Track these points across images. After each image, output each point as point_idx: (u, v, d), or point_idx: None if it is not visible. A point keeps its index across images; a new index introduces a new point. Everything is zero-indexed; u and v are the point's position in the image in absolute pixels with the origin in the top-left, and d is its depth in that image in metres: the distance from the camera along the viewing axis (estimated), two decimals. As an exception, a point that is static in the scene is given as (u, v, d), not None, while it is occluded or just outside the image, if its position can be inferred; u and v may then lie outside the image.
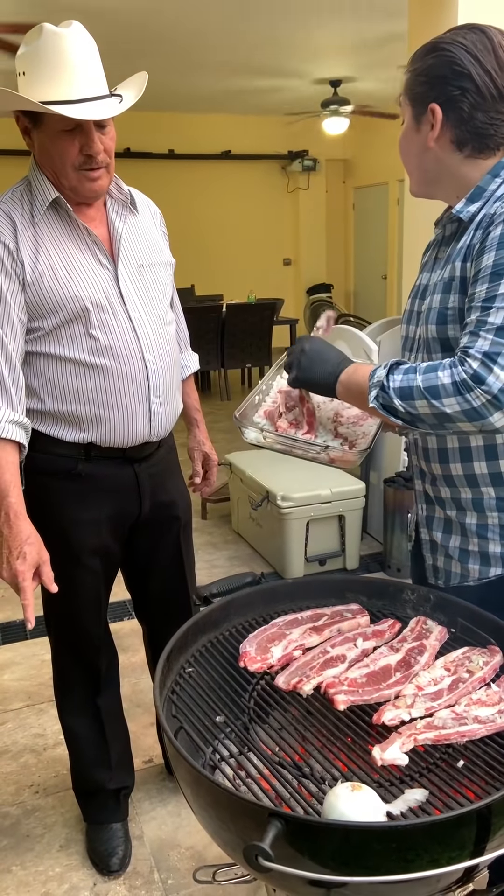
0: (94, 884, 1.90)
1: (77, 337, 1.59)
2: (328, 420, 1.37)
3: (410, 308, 1.39)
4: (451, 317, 1.21)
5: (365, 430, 1.36)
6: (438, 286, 1.25)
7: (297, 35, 5.87)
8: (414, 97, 1.23)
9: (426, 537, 1.40)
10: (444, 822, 0.85)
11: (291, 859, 0.85)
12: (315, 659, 1.19)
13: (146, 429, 1.69)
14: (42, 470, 1.67)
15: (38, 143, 1.56)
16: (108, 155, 1.57)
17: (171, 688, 1.14)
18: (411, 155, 1.29)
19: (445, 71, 1.17)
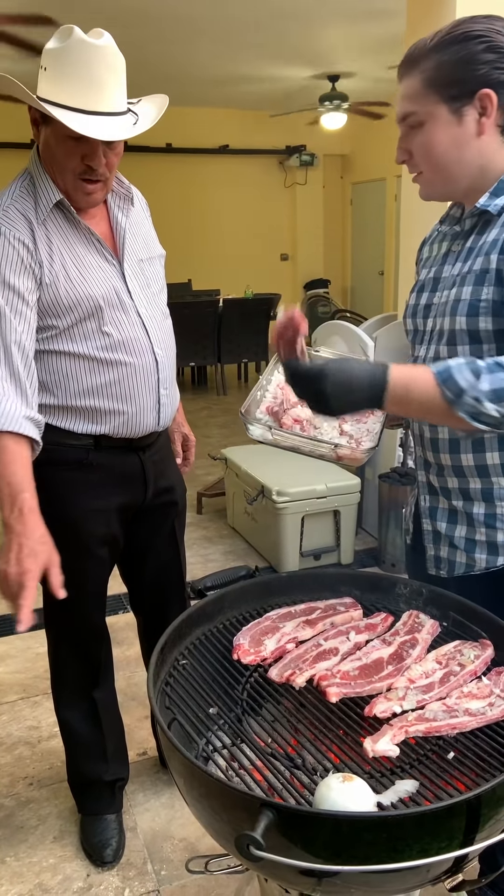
0: (87, 875, 1.91)
1: (90, 334, 1.60)
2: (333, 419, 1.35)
3: (417, 302, 1.38)
4: (484, 309, 1.20)
5: (369, 427, 1.35)
6: (467, 278, 1.23)
7: (296, 29, 5.86)
8: (451, 87, 1.16)
9: (429, 528, 1.40)
10: (434, 813, 0.86)
11: (283, 849, 0.86)
12: (308, 652, 1.20)
13: (155, 420, 1.72)
14: (52, 461, 1.68)
15: (44, 138, 1.55)
16: (110, 170, 1.57)
17: (165, 680, 1.15)
18: (450, 152, 1.21)
19: (490, 55, 1.14)
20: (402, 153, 1.26)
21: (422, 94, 1.19)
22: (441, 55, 1.16)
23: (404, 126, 1.24)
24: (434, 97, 1.18)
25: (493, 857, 1.44)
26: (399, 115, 1.24)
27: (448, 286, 1.29)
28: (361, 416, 1.37)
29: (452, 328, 1.25)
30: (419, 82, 1.19)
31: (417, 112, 1.20)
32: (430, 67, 1.17)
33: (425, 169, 1.25)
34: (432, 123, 1.19)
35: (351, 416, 1.34)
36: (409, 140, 1.24)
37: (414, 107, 1.20)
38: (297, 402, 1.30)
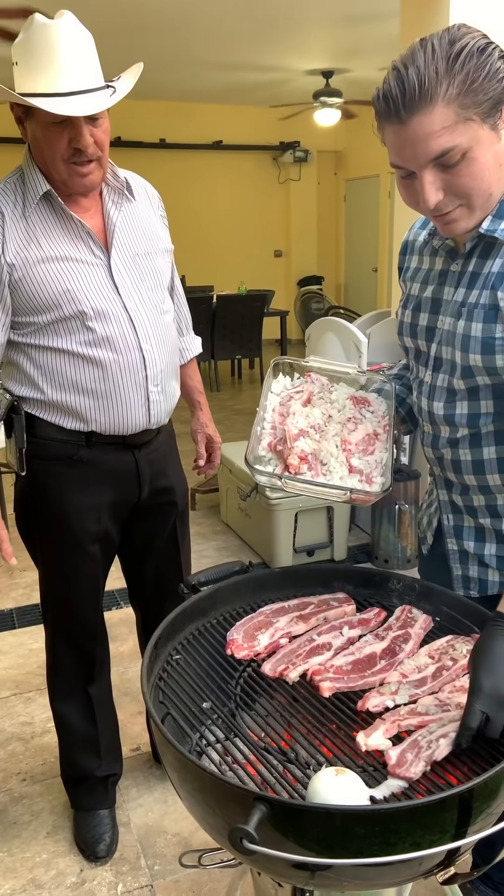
0: (80, 870, 1.91)
1: (74, 329, 1.60)
2: (338, 451, 1.27)
3: (415, 322, 1.32)
4: (500, 347, 1.15)
5: (377, 458, 1.28)
6: (475, 313, 1.18)
7: (290, 24, 5.85)
8: (483, 104, 1.05)
9: (454, 547, 1.36)
10: (426, 806, 0.86)
11: (276, 843, 0.86)
12: (301, 647, 1.20)
13: (145, 417, 1.70)
14: (43, 456, 1.69)
15: (31, 133, 1.55)
16: (101, 147, 1.55)
17: (159, 675, 1.15)
18: (494, 171, 1.10)
19: (501, 63, 1.05)
20: (436, 195, 1.10)
21: (460, 122, 1.05)
22: (462, 75, 1.03)
23: (435, 167, 1.08)
24: (475, 120, 1.06)
25: (489, 848, 1.45)
26: (430, 156, 1.07)
27: (453, 314, 1.23)
28: (368, 447, 1.30)
29: (466, 364, 1.20)
30: (453, 112, 1.04)
31: (460, 143, 1.05)
32: (458, 92, 1.03)
33: (467, 200, 1.12)
34: (478, 148, 1.07)
35: (357, 448, 1.29)
36: (447, 178, 1.09)
37: (454, 139, 1.05)
38: (298, 434, 1.26)
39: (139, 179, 1.79)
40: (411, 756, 0.96)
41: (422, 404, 1.33)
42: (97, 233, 1.63)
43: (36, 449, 1.68)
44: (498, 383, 1.20)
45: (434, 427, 1.31)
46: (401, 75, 1.04)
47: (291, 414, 1.30)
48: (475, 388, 1.22)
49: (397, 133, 1.07)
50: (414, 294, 1.34)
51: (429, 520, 1.47)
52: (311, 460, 1.23)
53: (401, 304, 1.39)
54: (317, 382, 1.41)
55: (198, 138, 9.20)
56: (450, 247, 1.26)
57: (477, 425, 1.24)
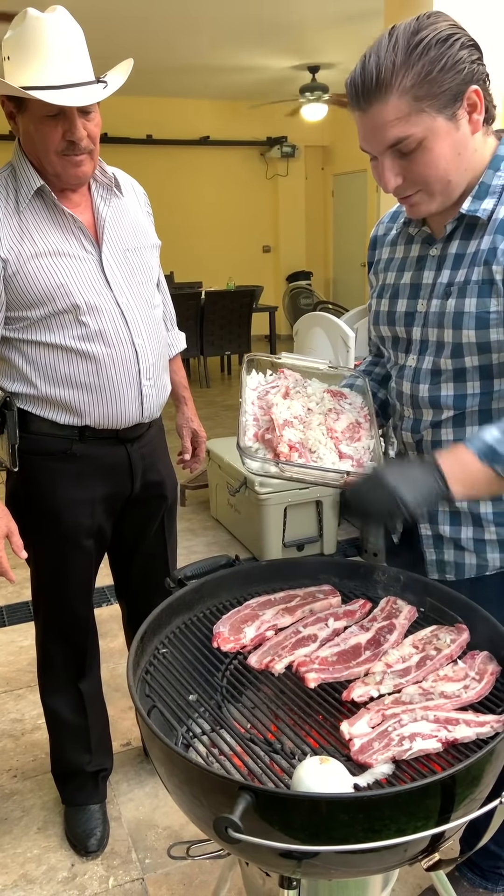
0: (72, 864, 1.92)
1: (67, 324, 1.60)
2: (326, 438, 1.28)
3: (392, 308, 1.33)
4: (495, 321, 1.18)
5: (365, 445, 1.29)
6: (468, 289, 1.20)
7: (276, 18, 5.84)
8: (441, 96, 1.09)
9: (428, 532, 1.37)
10: (410, 792, 0.87)
11: (262, 832, 0.87)
12: (287, 639, 1.21)
13: (138, 411, 1.71)
14: (37, 451, 1.70)
15: (23, 128, 1.55)
16: (93, 141, 1.56)
17: (145, 668, 1.16)
18: (453, 161, 1.14)
19: (465, 52, 1.09)
20: (394, 180, 1.15)
21: (413, 113, 1.08)
22: (418, 67, 1.07)
23: (393, 153, 1.13)
24: (429, 111, 1.09)
25: (475, 836, 1.46)
26: (385, 143, 1.12)
27: (439, 295, 1.25)
28: (353, 434, 1.32)
29: (458, 341, 1.22)
30: (406, 103, 1.08)
31: (414, 133, 1.10)
32: (412, 84, 1.07)
33: (425, 186, 1.16)
34: (433, 138, 1.11)
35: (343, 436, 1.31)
36: (404, 165, 1.14)
37: (408, 129, 1.09)
38: (284, 423, 1.27)
39: (126, 176, 1.80)
40: (378, 745, 0.97)
41: (403, 389, 1.34)
42: (87, 227, 1.64)
43: (29, 444, 1.68)
44: (486, 364, 1.22)
45: (416, 411, 1.33)
46: (364, 64, 1.10)
47: (274, 405, 1.31)
48: (462, 369, 1.24)
49: (361, 119, 1.14)
50: (390, 283, 1.36)
51: None
52: (300, 448, 1.24)
53: (374, 296, 1.41)
54: (290, 378, 1.42)
55: (185, 134, 9.17)
56: (427, 233, 1.29)
57: (463, 406, 1.26)
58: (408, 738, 0.97)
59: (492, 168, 1.19)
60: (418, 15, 1.11)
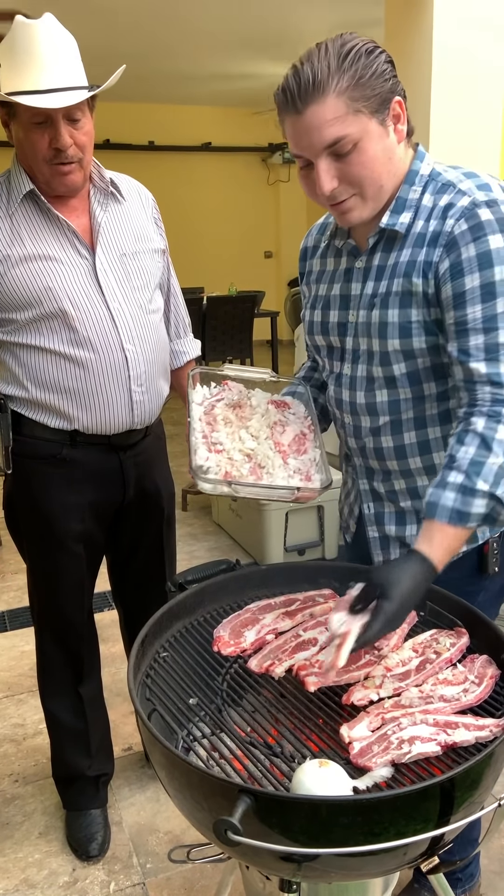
0: (73, 869, 1.92)
1: (56, 328, 1.60)
2: (274, 453, 1.31)
3: (324, 319, 1.38)
4: (416, 330, 1.22)
5: (311, 457, 1.34)
6: (390, 300, 1.24)
7: (277, 25, 5.87)
8: (372, 100, 1.13)
9: (375, 534, 1.42)
10: (409, 795, 0.87)
11: (261, 835, 0.87)
12: (287, 642, 1.22)
13: (128, 417, 1.70)
14: (29, 454, 1.71)
15: (15, 135, 1.56)
16: (82, 150, 1.56)
17: (146, 672, 1.16)
18: (385, 164, 1.18)
19: (388, 66, 1.16)
20: (331, 182, 1.16)
21: (350, 113, 1.12)
22: (352, 71, 1.11)
23: (328, 155, 1.15)
24: (363, 112, 1.13)
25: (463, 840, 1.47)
26: (323, 143, 1.13)
27: (365, 306, 1.29)
28: (300, 446, 1.35)
29: (385, 350, 1.27)
30: (343, 103, 1.12)
31: (350, 133, 1.13)
32: (347, 86, 1.11)
33: (360, 189, 1.18)
34: (368, 140, 1.14)
35: (290, 449, 1.35)
36: (340, 167, 1.16)
37: (345, 129, 1.12)
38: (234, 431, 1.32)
39: (132, 182, 1.81)
40: (378, 749, 0.97)
41: (342, 396, 1.38)
42: (83, 232, 1.64)
43: (21, 447, 1.69)
44: (413, 370, 1.26)
45: (355, 417, 1.37)
46: (297, 71, 1.14)
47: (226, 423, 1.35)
48: (392, 377, 1.28)
49: (294, 123, 1.16)
50: (321, 294, 1.40)
51: (349, 509, 1.54)
52: (252, 466, 1.28)
53: (307, 306, 1.46)
54: (234, 389, 1.45)
55: (187, 140, 9.20)
56: (352, 245, 1.33)
57: (398, 411, 1.31)
58: (407, 742, 0.98)
59: (407, 183, 1.23)
60: (339, 34, 1.17)
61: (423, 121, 3.59)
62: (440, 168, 1.25)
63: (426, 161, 1.25)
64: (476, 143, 3.74)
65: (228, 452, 1.30)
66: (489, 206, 1.15)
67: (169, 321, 1.94)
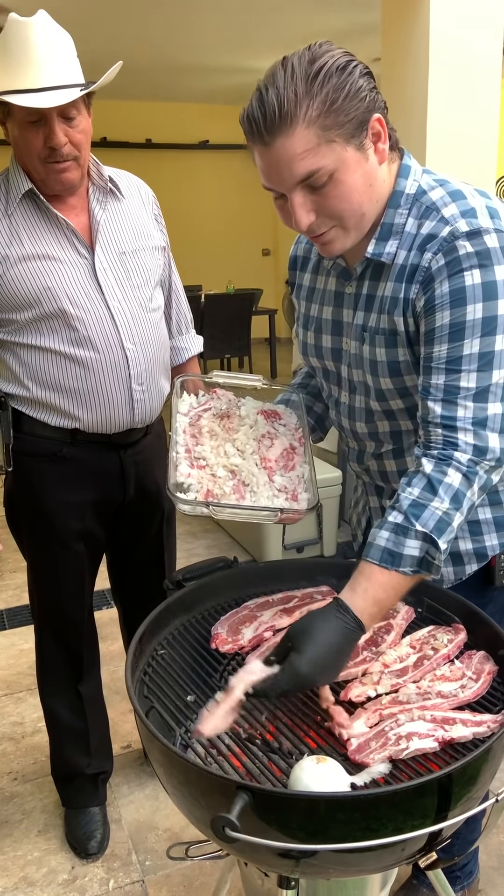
0: (72, 867, 1.92)
1: (56, 328, 1.60)
2: (259, 470, 1.27)
3: (318, 343, 1.32)
4: (405, 368, 1.18)
5: (298, 473, 1.29)
6: (377, 339, 1.19)
7: (275, 21, 5.86)
8: (347, 125, 1.03)
9: None
10: (407, 791, 0.87)
11: (259, 831, 0.87)
12: (285, 640, 1.21)
13: (129, 416, 1.70)
14: (29, 452, 1.71)
15: (11, 134, 1.56)
16: (77, 147, 1.55)
17: (144, 669, 1.16)
18: (365, 192, 1.09)
19: (363, 80, 1.04)
20: (307, 217, 1.08)
21: (322, 143, 1.01)
22: (322, 96, 1.00)
23: (303, 188, 1.05)
24: (337, 141, 1.02)
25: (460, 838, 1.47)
26: (295, 178, 1.04)
27: (356, 337, 1.24)
28: (287, 462, 1.31)
29: (379, 387, 1.23)
30: (314, 134, 1.01)
31: (324, 166, 1.03)
32: (318, 113, 1.00)
33: (339, 221, 1.10)
34: (344, 170, 1.04)
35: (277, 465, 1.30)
36: (316, 200, 1.07)
37: (319, 162, 1.02)
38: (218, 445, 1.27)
39: (132, 178, 1.80)
40: (375, 745, 0.97)
41: (343, 423, 1.35)
42: (82, 231, 1.63)
43: (22, 445, 1.70)
44: (411, 405, 1.22)
45: (359, 443, 1.35)
46: (261, 97, 1.02)
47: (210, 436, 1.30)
48: (390, 410, 1.25)
49: (263, 155, 1.05)
50: (313, 315, 1.34)
51: (357, 519, 1.52)
52: (236, 483, 1.23)
53: (299, 324, 1.38)
54: (223, 398, 1.41)
55: (184, 138, 9.20)
56: (341, 267, 1.25)
57: (400, 441, 1.29)
58: (405, 738, 0.98)
59: (392, 206, 1.14)
60: (309, 45, 1.05)
61: (419, 119, 3.59)
62: (426, 183, 1.14)
63: (411, 177, 1.15)
64: (473, 140, 3.74)
65: (211, 468, 1.25)
66: (469, 237, 1.07)
67: (171, 318, 1.94)
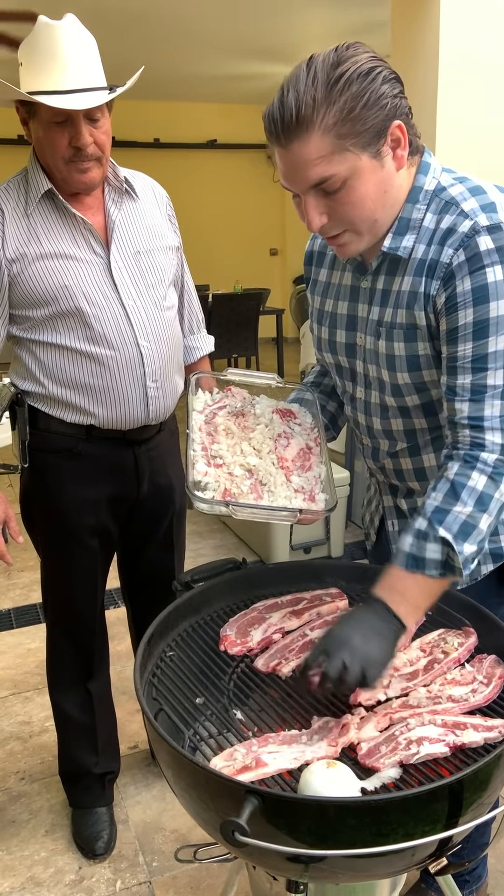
0: (79, 867, 1.92)
1: (72, 325, 1.62)
2: (276, 470, 1.27)
3: (333, 338, 1.32)
4: (425, 363, 1.17)
5: (315, 474, 1.29)
6: (394, 333, 1.19)
7: (281, 22, 5.85)
8: (365, 133, 1.03)
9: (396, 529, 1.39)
10: (418, 797, 0.87)
11: (269, 835, 0.87)
12: (294, 642, 1.21)
13: (143, 413, 1.71)
14: (45, 448, 1.72)
15: (34, 134, 1.57)
16: (101, 148, 1.57)
17: (152, 671, 1.16)
18: (379, 199, 1.10)
19: (386, 86, 1.04)
20: (319, 219, 1.10)
21: (336, 151, 1.02)
22: (340, 103, 1.01)
23: (316, 192, 1.07)
24: (353, 150, 1.03)
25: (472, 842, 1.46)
26: (308, 183, 1.06)
27: (372, 332, 1.23)
28: (304, 462, 1.30)
29: (395, 382, 1.22)
30: (329, 141, 1.02)
31: (338, 173, 1.04)
32: (334, 121, 1.01)
33: (351, 226, 1.11)
34: (358, 177, 1.05)
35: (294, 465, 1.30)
36: (328, 204, 1.08)
37: (331, 169, 1.03)
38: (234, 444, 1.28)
39: (147, 180, 1.81)
40: (386, 749, 0.96)
41: (358, 419, 1.35)
42: (98, 230, 1.65)
43: (38, 441, 1.71)
44: (427, 401, 1.22)
45: (373, 440, 1.34)
46: (282, 98, 1.03)
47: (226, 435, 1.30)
48: (406, 407, 1.24)
49: (281, 156, 1.07)
50: (328, 310, 1.33)
51: (370, 518, 1.51)
52: (253, 483, 1.23)
53: (314, 319, 1.39)
54: (238, 396, 1.41)
55: (192, 137, 9.19)
56: (357, 261, 1.25)
57: (415, 438, 1.28)
58: (415, 742, 0.97)
59: (410, 202, 1.14)
60: (337, 46, 1.04)
61: (429, 116, 3.57)
62: (446, 181, 1.15)
63: (430, 174, 1.15)
64: (484, 139, 3.71)
65: (228, 467, 1.25)
66: (490, 232, 1.06)
67: (183, 317, 1.95)
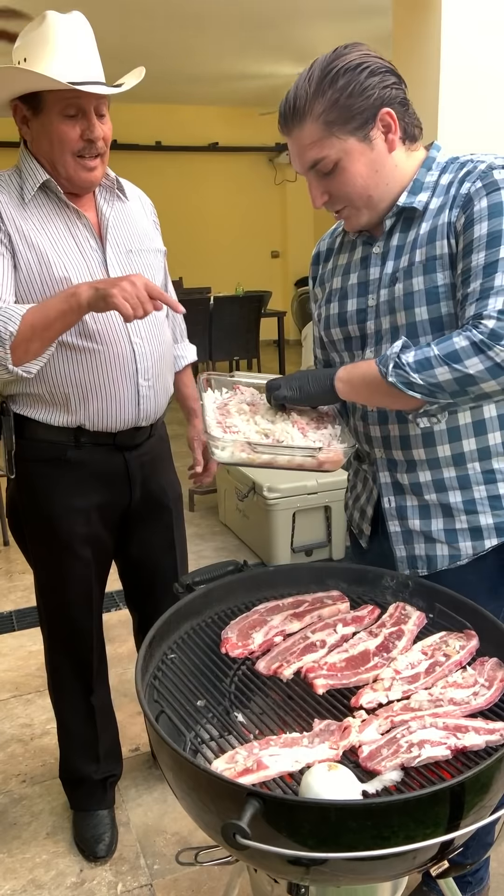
0: (80, 870, 1.91)
1: None
2: (294, 429, 1.31)
3: (342, 310, 1.39)
4: (444, 293, 1.24)
5: (331, 431, 1.32)
6: (414, 270, 1.26)
7: (284, 25, 5.86)
8: (352, 120, 1.21)
9: (397, 528, 1.40)
10: (419, 799, 0.87)
11: (270, 838, 0.87)
12: (295, 644, 1.21)
13: (134, 412, 1.70)
14: (32, 457, 1.69)
15: (37, 131, 1.57)
16: (106, 143, 1.59)
17: (154, 674, 1.16)
18: (370, 177, 1.26)
19: (374, 79, 1.20)
20: (320, 197, 1.28)
21: (326, 136, 1.21)
22: (329, 94, 1.19)
23: (314, 173, 1.26)
24: (340, 134, 1.21)
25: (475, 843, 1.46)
26: (305, 164, 1.26)
27: (386, 285, 1.31)
28: (319, 425, 1.34)
29: (412, 321, 1.27)
30: (319, 128, 1.21)
31: (328, 155, 1.22)
32: (323, 110, 1.20)
33: (349, 203, 1.28)
34: (347, 159, 1.23)
35: (310, 427, 1.34)
36: (326, 184, 1.27)
37: (322, 152, 1.22)
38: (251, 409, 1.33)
39: (135, 188, 1.83)
40: (387, 752, 0.96)
41: None
42: (93, 226, 1.65)
43: (24, 450, 1.68)
44: None
45: None
46: (288, 93, 1.23)
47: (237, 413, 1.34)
48: None
49: (288, 143, 1.28)
50: (337, 287, 1.42)
51: (360, 512, 1.51)
52: (271, 441, 1.27)
53: (321, 304, 1.47)
54: (247, 392, 1.44)
55: (193, 140, 9.21)
56: (367, 235, 1.37)
57: None
58: (417, 745, 0.97)
59: (425, 167, 1.29)
60: (337, 46, 1.22)
61: (430, 126, 3.57)
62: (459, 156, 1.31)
63: (443, 153, 1.32)
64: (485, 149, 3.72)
65: (244, 434, 1.28)
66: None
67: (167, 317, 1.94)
